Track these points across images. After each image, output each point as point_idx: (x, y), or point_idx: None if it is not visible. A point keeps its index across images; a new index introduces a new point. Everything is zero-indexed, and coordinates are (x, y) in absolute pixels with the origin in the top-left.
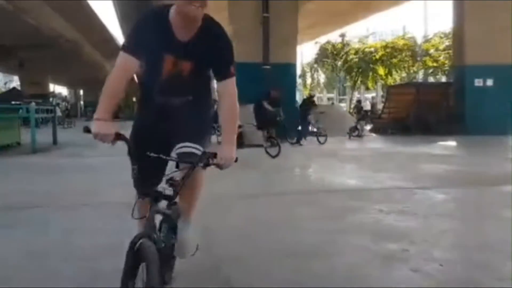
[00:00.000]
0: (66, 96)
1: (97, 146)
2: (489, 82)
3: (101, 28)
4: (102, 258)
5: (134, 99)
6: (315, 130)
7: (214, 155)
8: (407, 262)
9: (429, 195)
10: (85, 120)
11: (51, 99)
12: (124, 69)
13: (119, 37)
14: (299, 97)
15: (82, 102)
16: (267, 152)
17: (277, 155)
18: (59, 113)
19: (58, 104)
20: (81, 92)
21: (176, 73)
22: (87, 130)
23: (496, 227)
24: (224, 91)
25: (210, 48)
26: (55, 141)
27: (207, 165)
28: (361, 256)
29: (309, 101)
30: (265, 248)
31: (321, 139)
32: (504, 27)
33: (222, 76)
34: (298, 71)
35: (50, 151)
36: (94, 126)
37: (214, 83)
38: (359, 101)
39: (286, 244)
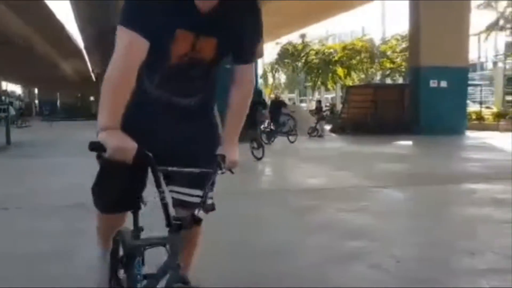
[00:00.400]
0: (20, 95)
1: (54, 146)
2: (443, 84)
3: (59, 27)
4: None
5: (92, 98)
6: (284, 130)
7: (223, 157)
8: (365, 259)
9: (386, 193)
10: (41, 120)
11: (3, 98)
12: (134, 53)
13: (77, 37)
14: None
15: (37, 101)
16: (253, 154)
17: (262, 158)
18: (12, 112)
19: (11, 103)
20: (36, 91)
21: (192, 58)
22: (96, 147)
23: (451, 224)
24: (243, 78)
25: (238, 20)
26: (8, 141)
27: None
28: (320, 254)
29: (278, 102)
30: (224, 247)
31: (292, 138)
32: (459, 29)
33: (245, 58)
34: (260, 71)
35: (3, 151)
36: (107, 138)
37: None
38: (319, 102)
39: (246, 243)
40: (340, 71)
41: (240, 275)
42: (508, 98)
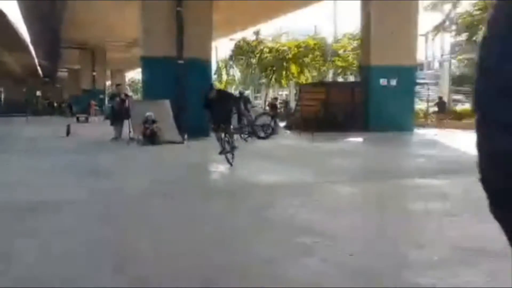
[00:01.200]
0: None
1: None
2: (393, 82)
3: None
4: None
5: (38, 93)
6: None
7: None
8: (317, 253)
9: (337, 188)
10: None
11: None
12: None
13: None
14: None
15: None
16: (227, 159)
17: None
18: None
19: None
20: None
21: None
22: None
23: (400, 218)
24: None
25: None
26: None
27: None
28: (272, 249)
29: (243, 98)
30: (182, 244)
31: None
32: (407, 29)
33: None
34: (214, 67)
35: None
36: None
37: None
38: (275, 99)
39: (202, 240)
40: (293, 68)
41: (195, 272)
42: (454, 97)
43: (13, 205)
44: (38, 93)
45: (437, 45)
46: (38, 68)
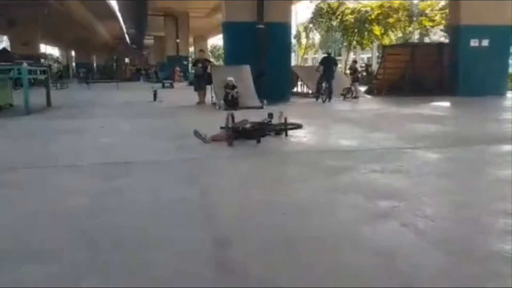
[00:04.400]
0: (58, 58)
1: (93, 107)
2: (485, 43)
3: None
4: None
5: (126, 60)
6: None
7: None
8: (398, 218)
9: (422, 154)
10: (78, 82)
11: (42, 60)
12: None
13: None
14: (295, 59)
15: (74, 64)
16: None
17: None
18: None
19: (50, 66)
20: (73, 53)
21: None
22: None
23: (486, 185)
24: None
25: None
26: (49, 103)
27: None
28: (351, 213)
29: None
30: (254, 205)
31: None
32: None
33: None
34: (293, 31)
35: (44, 112)
36: None
37: None
38: (354, 61)
39: (277, 202)
40: (376, 30)
41: (272, 231)
42: None
43: (124, 161)
44: (127, 60)
45: None
46: (126, 36)
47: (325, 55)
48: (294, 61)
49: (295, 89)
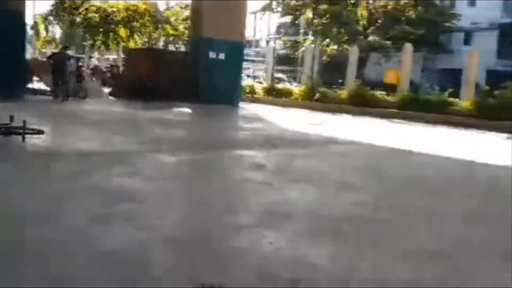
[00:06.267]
0: None
1: None
2: (222, 56)
3: None
4: None
5: None
6: None
7: None
8: (133, 221)
9: (158, 158)
10: None
11: None
12: None
13: None
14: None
15: None
16: None
17: None
18: None
19: None
20: None
21: None
22: None
23: (219, 186)
24: None
25: None
26: None
27: None
28: (86, 217)
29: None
30: None
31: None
32: (238, 6)
33: None
34: (30, 21)
35: None
36: None
37: None
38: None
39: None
40: (122, 32)
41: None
42: (277, 75)
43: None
44: None
45: (265, 25)
46: None
47: (56, 51)
48: (30, 54)
49: (30, 85)
